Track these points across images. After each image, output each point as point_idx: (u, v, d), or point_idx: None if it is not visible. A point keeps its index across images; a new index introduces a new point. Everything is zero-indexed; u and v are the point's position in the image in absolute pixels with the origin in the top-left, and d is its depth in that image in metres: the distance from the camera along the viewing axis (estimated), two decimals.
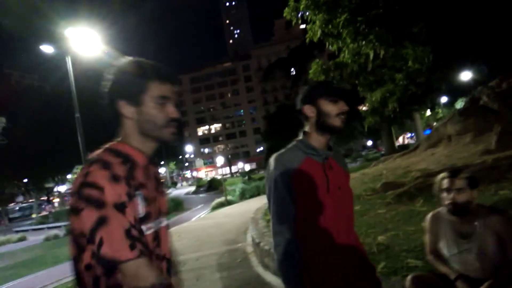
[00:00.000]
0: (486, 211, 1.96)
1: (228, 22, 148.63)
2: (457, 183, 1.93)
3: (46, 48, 12.55)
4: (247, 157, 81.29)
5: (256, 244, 5.34)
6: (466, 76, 18.74)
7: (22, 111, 28.55)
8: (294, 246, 1.37)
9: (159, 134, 1.05)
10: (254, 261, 5.03)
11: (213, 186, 36.58)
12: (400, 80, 11.16)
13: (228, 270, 4.79)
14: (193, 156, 78.18)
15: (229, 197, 20.00)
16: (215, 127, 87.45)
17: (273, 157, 1.46)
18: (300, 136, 1.49)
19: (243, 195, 19.65)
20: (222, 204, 18.57)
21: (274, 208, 1.41)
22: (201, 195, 36.01)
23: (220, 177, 38.12)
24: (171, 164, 64.34)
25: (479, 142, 8.13)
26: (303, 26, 10.42)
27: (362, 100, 15.84)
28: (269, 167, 1.45)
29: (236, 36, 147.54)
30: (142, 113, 1.03)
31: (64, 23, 11.37)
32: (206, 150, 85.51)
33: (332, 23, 8.18)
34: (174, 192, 43.80)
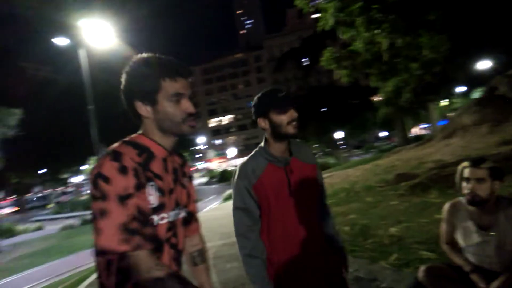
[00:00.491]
0: (507, 203, 1.89)
1: (240, 12, 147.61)
2: (478, 173, 1.86)
3: (60, 41, 12.67)
4: None
5: None
6: (483, 65, 18.22)
7: (38, 103, 29.06)
8: (258, 247, 1.50)
9: (178, 130, 1.07)
10: None
11: (225, 177, 36.83)
12: (415, 70, 10.93)
13: (239, 260, 4.79)
14: (205, 148, 78.63)
15: None
16: (227, 119, 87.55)
17: (238, 165, 1.59)
18: (262, 143, 1.59)
19: None
20: None
21: (236, 213, 1.54)
22: (213, 186, 36.30)
23: (232, 168, 38.29)
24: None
25: (496, 132, 7.91)
26: (315, 16, 10.24)
27: (375, 91, 15.58)
28: (233, 175, 1.58)
29: (248, 26, 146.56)
30: (158, 111, 1.05)
31: (78, 15, 11.45)
32: (218, 142, 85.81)
33: (345, 11, 8.03)
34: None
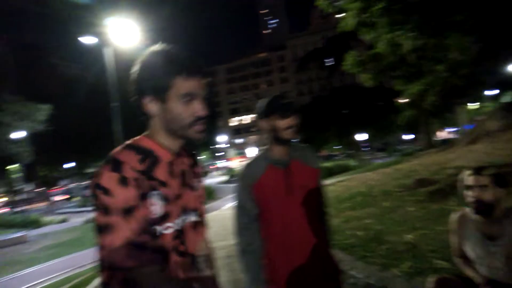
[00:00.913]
0: None
1: (264, 12, 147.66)
2: (481, 180, 1.81)
3: (87, 39, 13.09)
4: None
5: None
6: None
7: (66, 100, 30.14)
8: (253, 244, 1.58)
9: (184, 133, 1.00)
10: None
11: None
12: (441, 72, 10.59)
13: None
14: (225, 146, 79.15)
15: None
16: (248, 118, 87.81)
17: (241, 167, 1.69)
18: (265, 148, 1.66)
19: None
20: None
21: (234, 212, 1.65)
22: (232, 185, 36.47)
23: None
24: (204, 154, 65.59)
25: None
26: (339, 16, 10.11)
27: (399, 93, 15.23)
28: (237, 177, 1.69)
29: (272, 26, 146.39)
30: (166, 110, 0.98)
31: (105, 14, 11.78)
32: (239, 141, 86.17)
33: (367, 12, 7.88)
34: (206, 181, 44.72)
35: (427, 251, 3.46)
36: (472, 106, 31.71)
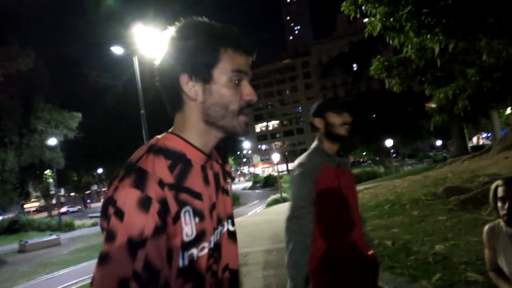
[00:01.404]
0: None
1: (288, 18, 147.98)
2: None
3: (116, 49, 13.57)
4: None
5: None
6: None
7: (97, 108, 31.33)
8: (307, 241, 1.52)
9: (229, 124, 0.80)
10: None
11: (269, 183, 36.98)
12: (472, 76, 10.21)
13: (274, 268, 4.80)
14: (250, 152, 79.42)
15: (284, 194, 20.04)
16: (273, 124, 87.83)
17: (296, 163, 1.67)
18: (315, 144, 1.70)
19: None
20: (277, 201, 18.69)
21: (294, 207, 1.56)
22: (257, 191, 36.58)
23: (276, 173, 38.37)
24: (230, 160, 66.22)
25: None
26: (366, 20, 9.97)
27: (429, 98, 14.79)
28: (293, 172, 1.64)
29: (297, 32, 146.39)
30: (211, 92, 0.78)
31: (133, 24, 12.19)
32: (263, 147, 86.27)
33: (393, 16, 7.73)
34: (232, 187, 45.09)
35: (458, 263, 3.31)
36: (508, 110, 30.30)
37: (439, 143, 54.28)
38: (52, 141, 23.33)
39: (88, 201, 49.94)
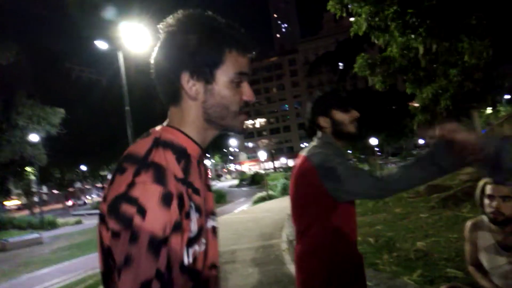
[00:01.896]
0: None
1: (275, 16, 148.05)
2: (503, 190, 1.78)
3: (100, 44, 13.31)
4: (290, 152, 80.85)
5: (290, 242, 5.33)
6: None
7: (81, 103, 30.74)
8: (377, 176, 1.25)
9: (229, 123, 0.80)
10: (288, 259, 5.02)
11: (255, 180, 37.02)
12: (454, 76, 10.43)
13: (260, 266, 4.83)
14: (237, 150, 79.33)
15: (270, 191, 20.12)
16: (260, 122, 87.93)
17: (314, 151, 1.42)
18: (324, 138, 1.51)
19: (285, 191, 19.72)
20: (263, 199, 18.75)
21: (343, 167, 1.31)
22: (243, 189, 36.58)
23: (263, 171, 38.43)
24: (216, 157, 65.93)
25: None
26: (352, 19, 10.09)
27: (412, 97, 15.05)
28: (320, 154, 1.39)
29: (284, 30, 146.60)
30: (212, 93, 0.77)
31: (117, 19, 11.99)
32: (250, 144, 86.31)
33: (379, 16, 7.84)
34: (218, 184, 44.92)
35: (439, 259, 3.40)
36: (488, 110, 31.11)
37: (422, 142, 55.33)
38: (34, 137, 22.74)
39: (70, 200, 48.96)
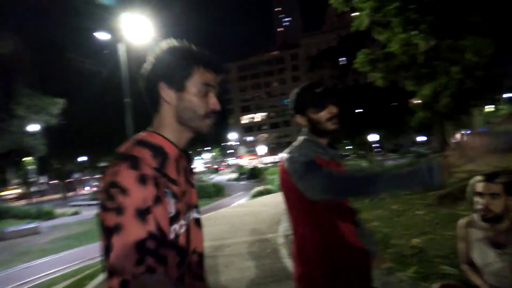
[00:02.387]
0: None
1: (278, 10, 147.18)
2: (492, 188, 1.77)
3: (101, 35, 13.24)
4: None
5: (286, 236, 5.34)
6: None
7: (81, 94, 30.58)
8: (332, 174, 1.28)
9: (197, 125, 1.01)
10: (284, 253, 5.03)
11: (254, 174, 37.05)
12: (455, 74, 10.42)
13: (257, 259, 4.84)
14: (236, 144, 79.36)
15: (268, 186, 20.16)
16: (260, 116, 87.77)
17: (287, 156, 1.42)
18: (305, 135, 1.50)
19: None
20: (261, 193, 18.78)
21: (303, 166, 1.33)
22: (242, 183, 36.65)
23: (262, 165, 38.46)
24: (216, 151, 66.01)
25: None
26: (355, 14, 10.01)
27: (413, 94, 15.03)
28: (292, 157, 1.40)
29: (286, 24, 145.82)
30: (183, 99, 0.98)
31: (119, 10, 11.88)
32: (250, 138, 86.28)
33: (381, 11, 7.79)
34: (216, 178, 45.02)
35: (434, 256, 3.42)
36: (489, 108, 31.09)
37: (420, 139, 55.41)
38: (33, 127, 22.71)
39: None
